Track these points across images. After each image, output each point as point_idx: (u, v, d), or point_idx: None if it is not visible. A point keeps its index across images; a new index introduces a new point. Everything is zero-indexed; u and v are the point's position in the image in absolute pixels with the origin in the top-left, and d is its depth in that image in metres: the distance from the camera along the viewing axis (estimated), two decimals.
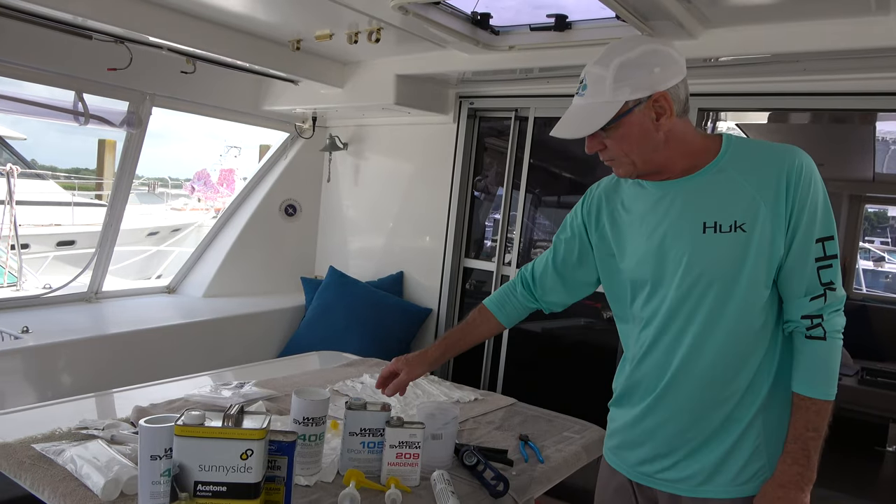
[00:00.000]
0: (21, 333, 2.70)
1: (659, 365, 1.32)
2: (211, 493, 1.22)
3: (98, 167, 16.10)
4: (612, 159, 1.32)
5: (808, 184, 1.22)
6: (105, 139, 15.93)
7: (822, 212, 1.23)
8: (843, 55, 2.27)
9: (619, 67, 1.22)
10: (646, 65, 1.23)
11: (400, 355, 1.66)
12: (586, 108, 1.26)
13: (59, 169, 12.19)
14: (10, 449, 1.55)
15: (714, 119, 3.12)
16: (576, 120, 1.28)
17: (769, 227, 1.22)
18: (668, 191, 1.31)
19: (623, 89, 1.22)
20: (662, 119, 1.25)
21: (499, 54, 2.73)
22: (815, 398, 1.23)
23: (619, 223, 1.41)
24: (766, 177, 1.23)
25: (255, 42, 2.92)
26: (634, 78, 1.22)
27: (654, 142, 1.27)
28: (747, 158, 1.27)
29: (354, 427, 1.55)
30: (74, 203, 9.33)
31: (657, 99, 1.23)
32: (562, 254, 1.55)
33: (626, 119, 1.24)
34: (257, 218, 3.96)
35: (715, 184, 1.27)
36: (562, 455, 1.83)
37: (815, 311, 1.23)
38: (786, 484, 1.23)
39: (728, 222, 1.23)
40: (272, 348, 3.62)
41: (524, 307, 1.64)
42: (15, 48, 2.59)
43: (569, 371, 3.33)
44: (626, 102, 1.23)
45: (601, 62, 1.25)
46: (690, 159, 1.30)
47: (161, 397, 1.99)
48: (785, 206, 1.21)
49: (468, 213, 3.66)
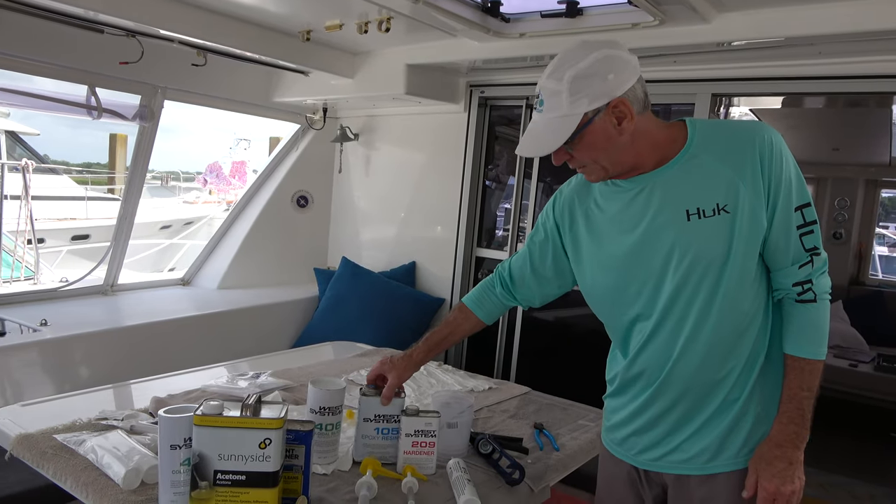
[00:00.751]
0: (39, 326, 2.74)
1: (660, 354, 1.32)
2: (230, 482, 1.23)
3: (110, 161, 16.20)
4: (581, 166, 1.33)
5: (779, 158, 1.24)
6: (116, 133, 15.99)
7: (795, 181, 1.26)
8: (860, 37, 2.24)
9: (573, 80, 1.22)
10: (599, 73, 1.22)
11: (409, 347, 1.67)
12: (546, 125, 1.26)
13: (70, 164, 12.25)
14: (33, 439, 1.57)
15: (727, 104, 3.09)
16: (538, 137, 1.28)
17: (751, 205, 1.23)
18: (645, 184, 1.31)
19: (580, 101, 1.22)
20: (624, 123, 1.25)
21: (509, 42, 2.71)
22: (809, 358, 1.27)
23: (595, 222, 1.41)
24: (739, 157, 1.24)
25: (265, 33, 2.92)
26: (590, 88, 1.22)
27: (619, 145, 1.27)
28: (717, 141, 1.28)
29: (368, 413, 1.56)
30: (88, 197, 9.42)
31: (616, 105, 1.23)
32: (537, 256, 1.55)
33: (588, 129, 1.24)
34: (270, 209, 3.98)
35: (690, 171, 1.28)
36: (577, 443, 1.84)
37: (804, 277, 1.27)
38: (782, 443, 1.25)
39: (710, 206, 1.25)
40: (286, 339, 3.64)
41: (503, 305, 1.65)
42: (28, 43, 2.61)
43: (583, 359, 3.32)
44: (586, 114, 1.23)
45: (554, 76, 1.24)
46: (660, 151, 1.30)
47: (178, 388, 2.01)
48: (763, 183, 1.23)
49: (480, 203, 3.66)
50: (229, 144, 12.76)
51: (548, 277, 1.55)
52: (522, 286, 1.60)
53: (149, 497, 1.34)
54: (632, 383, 1.40)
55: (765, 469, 1.25)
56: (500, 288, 1.63)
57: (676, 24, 2.30)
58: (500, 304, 1.65)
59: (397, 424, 1.56)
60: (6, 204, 4.41)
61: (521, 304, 1.64)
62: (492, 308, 1.65)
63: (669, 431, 1.35)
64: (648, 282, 1.31)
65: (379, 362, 1.64)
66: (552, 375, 3.34)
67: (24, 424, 1.66)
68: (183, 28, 2.67)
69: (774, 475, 1.24)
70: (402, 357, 1.62)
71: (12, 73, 2.67)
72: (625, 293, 1.35)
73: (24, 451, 1.54)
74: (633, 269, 1.33)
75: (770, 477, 1.24)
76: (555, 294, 1.60)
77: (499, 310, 1.66)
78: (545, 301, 1.62)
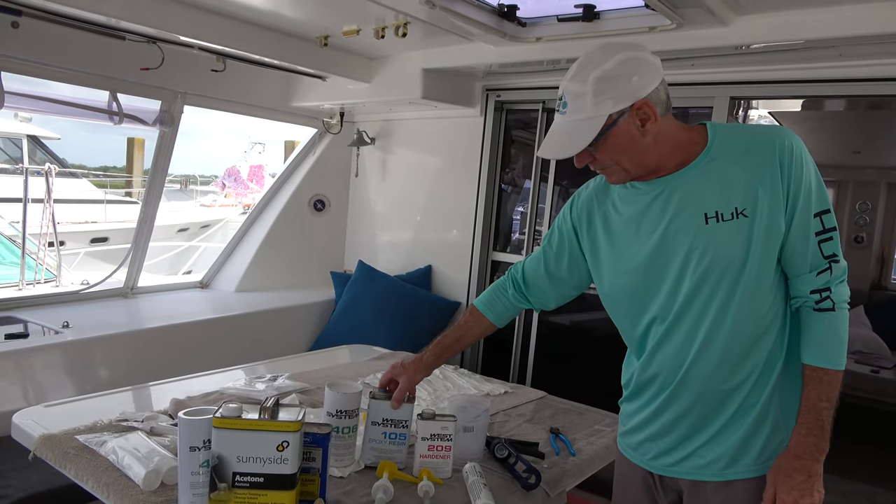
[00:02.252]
0: (61, 328, 2.78)
1: (674, 357, 1.32)
2: (249, 484, 1.25)
3: (127, 165, 16.39)
4: (603, 168, 1.33)
5: (800, 163, 1.23)
6: (134, 137, 16.19)
7: (816, 187, 1.25)
8: (880, 39, 2.21)
9: (598, 81, 1.22)
10: (623, 75, 1.22)
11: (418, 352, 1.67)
12: (570, 126, 1.26)
13: (88, 167, 12.42)
14: (55, 440, 1.60)
15: (746, 107, 3.06)
16: (561, 139, 1.28)
17: (769, 209, 1.23)
18: (665, 187, 1.31)
19: (605, 103, 1.22)
20: (648, 125, 1.25)
21: (526, 46, 2.71)
22: (828, 368, 1.25)
23: (613, 225, 1.41)
24: (759, 161, 1.24)
25: (283, 39, 2.94)
26: (614, 90, 1.22)
27: (642, 147, 1.27)
28: (737, 144, 1.28)
29: (377, 417, 1.57)
30: (107, 201, 9.53)
31: (640, 107, 1.23)
32: (552, 258, 1.55)
33: (612, 131, 1.24)
34: (287, 213, 4.01)
35: (710, 173, 1.28)
36: (593, 448, 1.83)
37: (822, 284, 1.25)
38: (802, 455, 1.23)
39: (729, 210, 1.24)
40: (303, 342, 3.66)
41: (514, 307, 1.65)
42: (53, 51, 2.65)
43: (599, 364, 3.30)
44: (610, 115, 1.22)
45: (577, 78, 1.24)
46: (681, 154, 1.30)
47: (197, 390, 2.03)
48: (782, 187, 1.23)
49: (496, 207, 3.66)
50: (244, 148, 12.88)
51: (563, 279, 1.55)
52: (536, 288, 1.59)
53: (168, 498, 1.36)
54: (647, 386, 1.39)
55: (783, 481, 1.23)
56: (513, 290, 1.63)
57: (694, 27, 2.29)
58: (512, 307, 1.64)
59: (405, 430, 1.57)
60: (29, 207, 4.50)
61: (533, 306, 1.63)
62: (503, 311, 1.64)
63: (685, 437, 1.34)
64: (665, 284, 1.31)
65: (390, 367, 1.64)
66: (568, 380, 3.32)
67: (46, 425, 1.69)
68: (203, 34, 2.70)
69: (793, 487, 1.22)
70: (413, 361, 1.63)
71: (26, 78, 2.70)
72: (642, 296, 1.35)
73: (47, 451, 1.57)
74: (651, 271, 1.32)
75: (788, 490, 1.22)
76: (571, 295, 1.59)
77: (510, 313, 1.65)
78: (561, 303, 1.62)
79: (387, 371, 1.64)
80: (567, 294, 1.59)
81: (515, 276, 1.63)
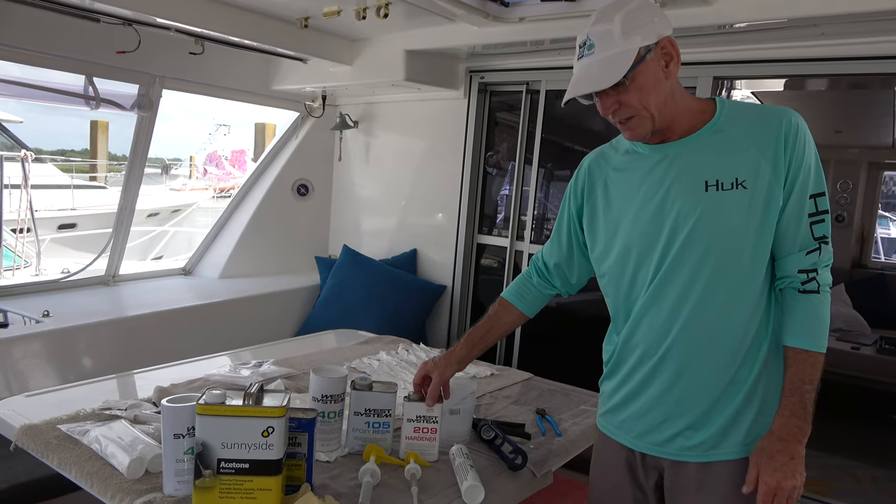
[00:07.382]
0: (42, 317, 2.74)
1: (661, 326, 1.32)
2: (234, 470, 1.24)
3: (91, 148, 15.85)
4: (629, 117, 1.30)
5: (803, 143, 1.25)
6: (97, 120, 15.59)
7: (814, 169, 1.27)
8: (862, 18, 2.21)
9: (625, 19, 1.25)
10: (646, 15, 1.27)
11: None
12: (600, 63, 1.26)
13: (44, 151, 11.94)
14: (37, 430, 1.58)
15: (729, 87, 3.06)
16: (593, 73, 1.27)
17: (769, 184, 1.24)
18: (668, 153, 1.33)
19: (634, 37, 1.24)
20: (671, 65, 1.28)
21: (509, 26, 2.69)
22: (811, 350, 1.26)
23: (612, 189, 1.42)
24: (765, 135, 1.26)
25: (263, 21, 2.90)
26: (641, 27, 1.25)
27: (666, 91, 1.29)
28: (744, 118, 1.30)
29: (359, 407, 1.56)
30: (74, 186, 9.24)
31: (664, 45, 1.27)
32: (565, 239, 1.56)
33: (640, 68, 1.25)
34: (270, 198, 3.97)
35: (714, 143, 1.30)
36: (579, 428, 1.84)
37: (810, 265, 1.27)
38: (785, 437, 1.24)
39: (729, 180, 1.26)
40: (289, 327, 3.65)
41: (543, 295, 1.65)
42: (24, 34, 2.59)
43: (584, 345, 3.32)
44: (640, 50, 1.24)
45: (603, 19, 1.27)
46: (690, 119, 1.32)
47: (181, 377, 2.02)
48: (784, 163, 1.25)
49: (480, 189, 3.65)
50: (209, 130, 12.66)
51: (579, 258, 1.56)
52: (558, 271, 1.60)
53: (153, 486, 1.35)
54: (629, 357, 1.38)
55: (766, 463, 1.23)
56: (538, 278, 1.63)
57: (677, 6, 2.27)
58: (541, 295, 1.64)
59: (389, 419, 1.57)
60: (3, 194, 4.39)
61: (560, 291, 1.63)
62: (532, 299, 1.64)
63: (670, 413, 1.33)
64: (656, 248, 1.31)
65: (422, 364, 1.63)
66: (554, 361, 3.34)
67: (28, 415, 1.67)
68: (180, 16, 2.64)
69: (776, 469, 1.22)
70: (444, 356, 1.62)
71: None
72: (633, 258, 1.35)
73: (29, 441, 1.55)
74: (646, 235, 1.33)
75: (771, 471, 1.22)
76: (589, 272, 1.59)
77: (540, 301, 1.65)
78: (583, 283, 1.62)
79: (419, 369, 1.62)
80: (590, 270, 1.57)
81: (537, 263, 1.64)
